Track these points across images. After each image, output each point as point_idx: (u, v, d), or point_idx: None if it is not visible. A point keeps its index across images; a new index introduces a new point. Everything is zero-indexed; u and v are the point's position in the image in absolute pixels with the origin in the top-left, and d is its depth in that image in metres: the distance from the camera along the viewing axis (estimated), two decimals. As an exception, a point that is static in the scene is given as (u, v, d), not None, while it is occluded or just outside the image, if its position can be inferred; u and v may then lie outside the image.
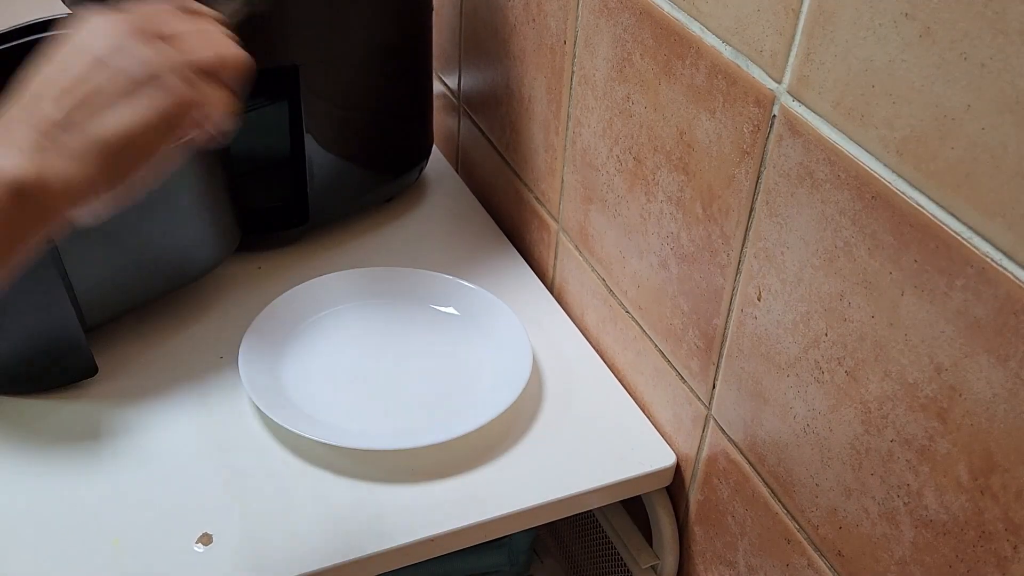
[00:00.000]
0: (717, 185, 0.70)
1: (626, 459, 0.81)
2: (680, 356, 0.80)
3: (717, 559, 0.80)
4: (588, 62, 0.84)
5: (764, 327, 0.68)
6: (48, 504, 0.75)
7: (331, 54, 0.92)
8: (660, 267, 0.80)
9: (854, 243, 0.58)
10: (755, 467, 0.72)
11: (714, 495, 0.78)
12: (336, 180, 0.99)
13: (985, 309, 0.50)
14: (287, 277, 0.96)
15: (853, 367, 0.60)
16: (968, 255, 0.51)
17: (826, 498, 0.65)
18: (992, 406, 0.51)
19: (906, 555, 0.59)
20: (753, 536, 0.74)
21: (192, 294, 0.94)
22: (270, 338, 0.88)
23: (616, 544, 0.89)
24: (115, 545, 0.72)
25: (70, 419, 0.82)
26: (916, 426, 0.56)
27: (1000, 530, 0.52)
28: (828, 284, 0.61)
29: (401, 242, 1.04)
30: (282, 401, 0.82)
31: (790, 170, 0.62)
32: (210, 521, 0.74)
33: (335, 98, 0.95)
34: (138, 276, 0.86)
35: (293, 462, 0.79)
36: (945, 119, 0.50)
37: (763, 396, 0.70)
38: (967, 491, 0.54)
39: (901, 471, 0.58)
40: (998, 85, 0.47)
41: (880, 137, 0.55)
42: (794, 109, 0.61)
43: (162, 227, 0.85)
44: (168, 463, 0.79)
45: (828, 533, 0.66)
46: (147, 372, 0.86)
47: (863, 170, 0.56)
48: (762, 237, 0.66)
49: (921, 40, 0.51)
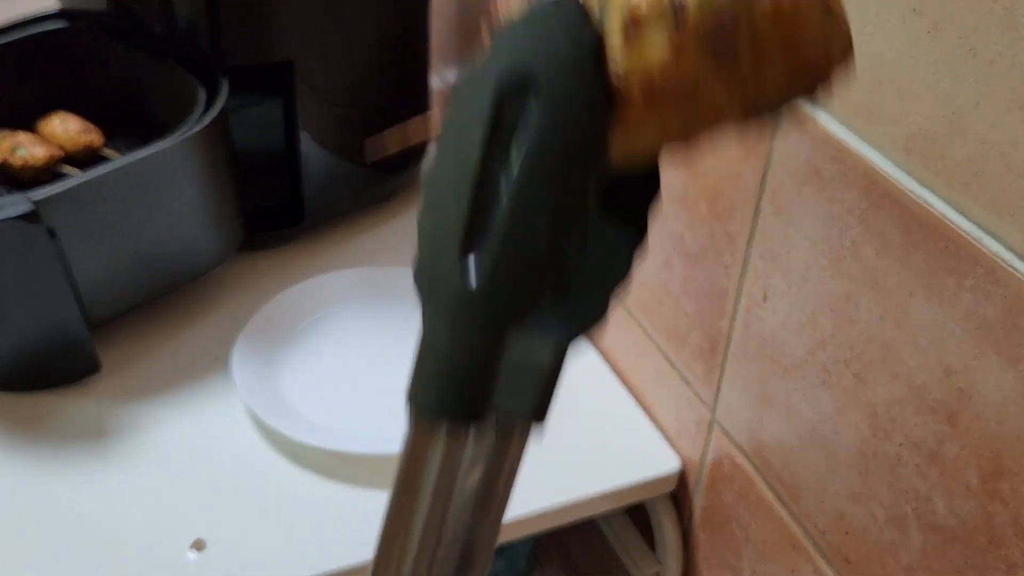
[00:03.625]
0: (722, 183, 0.70)
1: (629, 464, 0.81)
2: (684, 358, 0.79)
3: (721, 566, 0.79)
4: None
5: (770, 329, 0.67)
6: (47, 504, 0.75)
7: (326, 50, 0.91)
8: (663, 267, 0.79)
9: (861, 243, 0.58)
10: (760, 472, 0.72)
11: (719, 500, 0.78)
12: (332, 178, 0.99)
13: (995, 310, 0.50)
14: (282, 277, 0.96)
15: (860, 369, 0.60)
16: (977, 255, 0.50)
17: (833, 503, 0.64)
18: (1002, 409, 0.51)
19: (914, 561, 0.58)
20: (758, 542, 0.73)
21: (195, 292, 0.94)
22: (265, 340, 0.87)
23: (618, 550, 0.89)
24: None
25: (72, 417, 0.82)
26: (924, 429, 0.56)
27: (1010, 535, 0.52)
28: (835, 285, 0.60)
29: (399, 241, 1.04)
30: (277, 404, 0.82)
31: (796, 168, 0.62)
32: (203, 526, 0.73)
33: (330, 94, 0.95)
34: (143, 273, 0.86)
35: (288, 466, 0.79)
36: (954, 116, 0.50)
37: (768, 399, 0.69)
38: (976, 496, 0.53)
39: (909, 475, 0.57)
40: (1007, 82, 0.47)
41: (888, 134, 0.54)
42: (800, 106, 0.60)
43: (167, 223, 0.85)
44: (164, 465, 0.78)
45: (835, 539, 0.65)
46: (148, 371, 0.86)
47: (871, 168, 0.56)
48: (768, 237, 0.66)
49: (929, 36, 0.50)
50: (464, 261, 0.33)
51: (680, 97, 0.31)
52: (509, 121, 0.32)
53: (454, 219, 0.33)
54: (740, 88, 0.32)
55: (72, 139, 0.90)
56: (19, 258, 0.75)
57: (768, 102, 0.33)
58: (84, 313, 0.81)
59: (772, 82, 0.32)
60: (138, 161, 0.79)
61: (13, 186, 0.87)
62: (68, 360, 0.83)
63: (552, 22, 0.31)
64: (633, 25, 0.31)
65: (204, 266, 0.91)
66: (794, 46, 0.32)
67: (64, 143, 0.90)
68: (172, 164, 0.82)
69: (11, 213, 0.72)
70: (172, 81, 0.89)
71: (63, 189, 0.75)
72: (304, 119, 0.93)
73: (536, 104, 0.31)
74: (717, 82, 0.31)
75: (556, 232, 0.32)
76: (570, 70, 0.31)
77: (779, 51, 0.32)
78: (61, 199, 0.75)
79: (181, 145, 0.81)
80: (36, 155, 0.87)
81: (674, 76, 0.31)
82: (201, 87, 0.86)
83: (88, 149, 0.90)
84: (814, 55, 0.33)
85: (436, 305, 0.35)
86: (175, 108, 0.87)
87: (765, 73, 0.32)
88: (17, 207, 0.73)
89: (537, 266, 0.33)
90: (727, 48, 0.31)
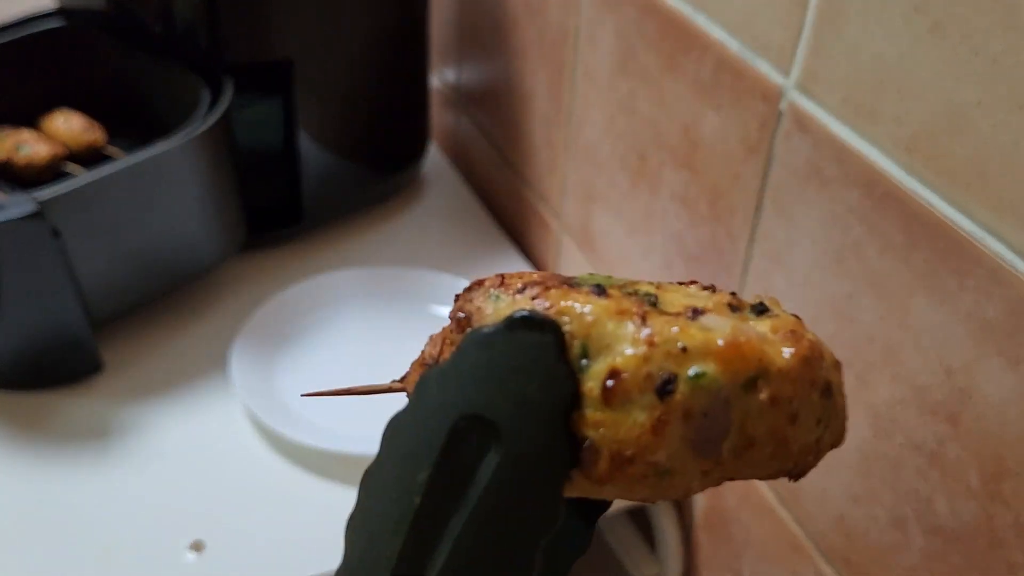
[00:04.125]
0: (723, 183, 0.69)
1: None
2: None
3: (722, 567, 0.79)
4: (590, 57, 0.83)
5: (770, 329, 0.67)
6: (47, 504, 0.75)
7: (325, 48, 0.91)
8: (665, 267, 0.79)
9: (863, 243, 0.57)
10: (760, 472, 0.71)
11: (719, 502, 0.77)
12: (331, 178, 0.99)
13: (996, 310, 0.50)
14: (282, 277, 0.96)
15: (862, 370, 0.59)
16: (979, 255, 0.50)
17: (834, 504, 0.64)
18: (1003, 410, 0.50)
19: (915, 563, 0.58)
20: (759, 544, 0.73)
21: (195, 292, 0.94)
22: (264, 340, 0.87)
23: (618, 552, 0.89)
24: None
25: (74, 416, 0.82)
26: (926, 431, 0.55)
27: (1011, 537, 0.51)
28: (837, 285, 0.60)
29: (399, 241, 1.03)
30: (276, 405, 0.82)
31: (798, 167, 0.61)
32: (202, 527, 0.73)
33: (329, 93, 0.95)
34: (145, 272, 0.86)
35: (287, 467, 0.79)
36: (956, 116, 0.50)
37: (769, 399, 0.69)
38: (977, 497, 0.53)
39: (910, 477, 0.57)
40: (1010, 81, 0.47)
41: (890, 134, 0.54)
42: (802, 105, 0.60)
43: (170, 223, 0.85)
44: (164, 466, 0.78)
45: (836, 541, 0.65)
46: (149, 371, 0.86)
47: (872, 168, 0.55)
48: (769, 237, 0.66)
49: (931, 35, 0.50)
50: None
51: (650, 474, 0.28)
52: (462, 460, 0.29)
53: (384, 550, 0.30)
54: (716, 473, 0.29)
55: (75, 137, 0.90)
56: (23, 258, 0.75)
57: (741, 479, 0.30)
58: (86, 312, 0.81)
59: (751, 469, 0.30)
60: (143, 161, 0.78)
61: (15, 184, 0.86)
62: (70, 360, 0.83)
63: (527, 358, 0.28)
64: (616, 389, 0.28)
65: (206, 265, 0.91)
66: (784, 440, 0.29)
67: (67, 141, 0.90)
68: (177, 164, 0.81)
69: (16, 213, 0.72)
70: (172, 80, 0.89)
71: (68, 189, 0.75)
72: (304, 118, 0.93)
73: (495, 453, 0.28)
74: (694, 468, 0.29)
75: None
76: (538, 425, 0.28)
77: (767, 443, 0.29)
78: (65, 199, 0.75)
79: (186, 145, 0.81)
80: (40, 153, 0.87)
81: (649, 454, 0.28)
82: (204, 86, 0.86)
83: (91, 147, 0.90)
84: (804, 446, 0.30)
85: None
86: (175, 107, 0.87)
87: (746, 462, 0.29)
88: (22, 207, 0.73)
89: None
90: (712, 434, 0.28)
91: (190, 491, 0.76)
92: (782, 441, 0.29)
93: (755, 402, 0.28)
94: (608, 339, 0.28)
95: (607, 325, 0.28)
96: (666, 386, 0.27)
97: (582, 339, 0.28)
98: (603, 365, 0.27)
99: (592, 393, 0.28)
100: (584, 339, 0.28)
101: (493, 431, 0.28)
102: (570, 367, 0.27)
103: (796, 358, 0.28)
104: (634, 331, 0.27)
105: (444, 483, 0.29)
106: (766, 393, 0.28)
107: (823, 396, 0.30)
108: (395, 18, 0.97)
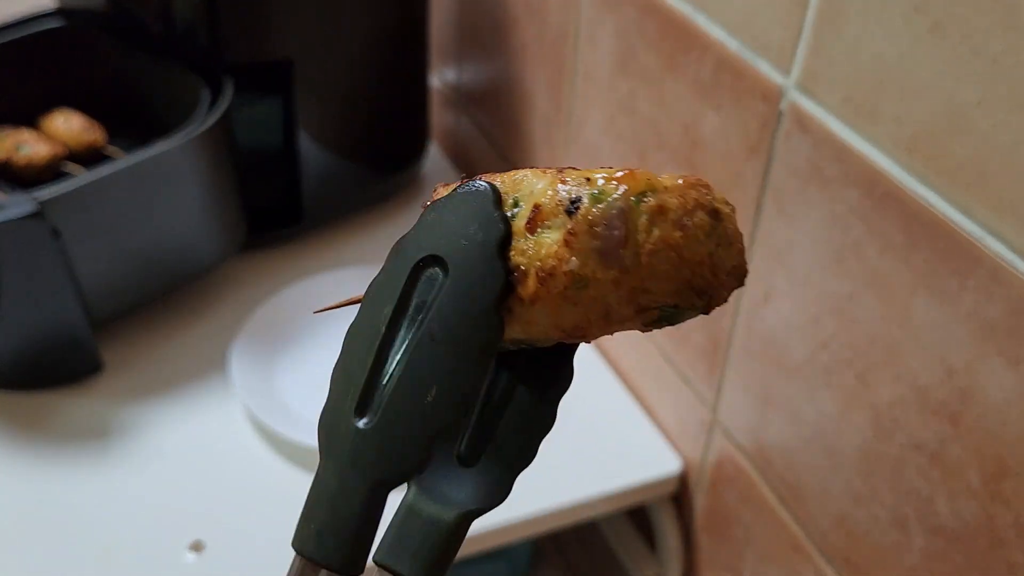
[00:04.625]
0: (723, 183, 0.69)
1: (629, 466, 0.81)
2: (685, 359, 0.79)
3: (723, 567, 0.79)
4: (590, 57, 0.83)
5: (772, 329, 0.67)
6: (47, 504, 0.75)
7: (325, 48, 0.91)
8: (664, 267, 0.79)
9: (864, 242, 0.57)
10: (762, 473, 0.71)
11: (720, 502, 0.77)
12: (331, 177, 0.99)
13: (997, 310, 0.50)
14: (281, 277, 0.96)
15: (863, 370, 0.59)
16: (979, 255, 0.50)
17: (835, 505, 0.64)
18: (1004, 410, 0.50)
19: (916, 563, 0.58)
20: (760, 544, 0.73)
21: (195, 292, 0.94)
22: (264, 340, 0.87)
23: (619, 552, 0.88)
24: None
25: (74, 416, 0.82)
26: (927, 431, 0.55)
27: (1012, 537, 0.51)
28: (837, 285, 0.60)
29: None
30: (276, 405, 0.81)
31: (798, 167, 0.61)
32: (202, 527, 0.73)
33: (329, 93, 0.94)
34: (145, 272, 0.86)
35: (287, 467, 0.79)
36: (956, 115, 0.50)
37: (770, 400, 0.69)
38: (978, 497, 0.53)
39: (911, 477, 0.57)
40: (1010, 81, 0.47)
41: (890, 134, 0.54)
42: (802, 105, 0.60)
43: (170, 223, 0.85)
44: (164, 466, 0.78)
45: (837, 541, 0.65)
46: (149, 371, 0.86)
47: (873, 167, 0.55)
48: (770, 236, 0.66)
49: (931, 34, 0.50)
50: (357, 413, 0.37)
51: (570, 286, 0.33)
52: (421, 294, 0.35)
53: (356, 376, 0.36)
54: (627, 286, 0.33)
55: (75, 137, 0.90)
56: (23, 258, 0.75)
57: (659, 306, 0.34)
58: (86, 312, 0.81)
59: (656, 282, 0.34)
60: (144, 161, 0.78)
61: (15, 184, 0.86)
62: (70, 360, 0.83)
63: (470, 209, 0.35)
64: (536, 217, 0.34)
65: (206, 265, 0.91)
66: (676, 246, 0.33)
67: (67, 141, 0.90)
68: (177, 163, 0.81)
69: (16, 213, 0.72)
70: (172, 80, 0.89)
71: (68, 189, 0.75)
72: (304, 118, 0.93)
73: (444, 281, 0.35)
74: (605, 277, 0.33)
75: (446, 396, 0.35)
76: (478, 256, 0.34)
77: (661, 249, 0.33)
78: (66, 199, 0.75)
79: (186, 145, 0.81)
80: (40, 153, 0.87)
81: (565, 264, 0.33)
82: (204, 86, 0.86)
83: (91, 147, 0.90)
84: (698, 259, 0.34)
85: (328, 450, 0.39)
86: (175, 107, 0.87)
87: (649, 272, 0.33)
88: (22, 207, 0.73)
89: (426, 426, 0.35)
90: (613, 242, 0.33)
91: (190, 491, 0.76)
92: (674, 247, 0.33)
93: (645, 209, 0.33)
94: (532, 187, 0.35)
95: (533, 180, 0.35)
96: (573, 205, 0.33)
97: (514, 194, 0.35)
98: (528, 205, 0.34)
99: (520, 229, 0.34)
100: (515, 194, 0.35)
101: (443, 265, 0.35)
102: (503, 212, 0.34)
103: (684, 181, 0.34)
104: (551, 177, 0.34)
105: (404, 311, 0.35)
106: (654, 201, 0.33)
107: (711, 216, 0.34)
108: (395, 18, 0.97)
